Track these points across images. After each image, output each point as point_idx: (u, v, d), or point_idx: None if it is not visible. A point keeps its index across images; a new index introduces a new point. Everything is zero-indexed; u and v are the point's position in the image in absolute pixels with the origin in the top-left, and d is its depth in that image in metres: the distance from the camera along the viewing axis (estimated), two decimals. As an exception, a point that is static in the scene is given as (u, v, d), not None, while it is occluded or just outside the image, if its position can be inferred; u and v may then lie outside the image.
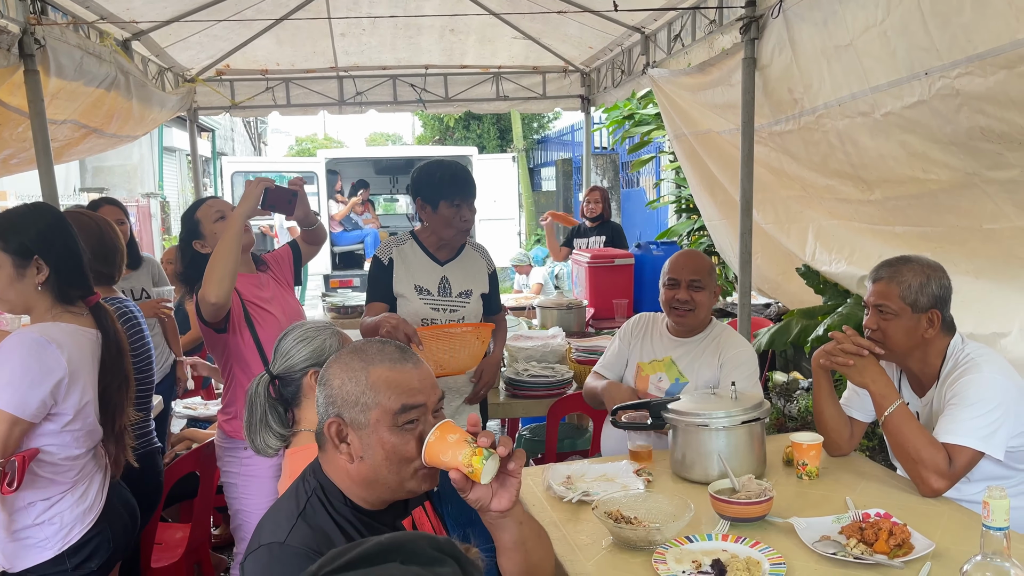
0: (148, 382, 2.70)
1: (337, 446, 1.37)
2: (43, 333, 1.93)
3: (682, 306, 2.63)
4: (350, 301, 5.44)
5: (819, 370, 2.28)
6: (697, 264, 2.65)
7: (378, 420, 1.35)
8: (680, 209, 7.05)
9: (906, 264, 2.17)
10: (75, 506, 2.01)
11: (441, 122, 19.55)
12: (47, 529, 1.96)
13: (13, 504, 1.93)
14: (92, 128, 4.80)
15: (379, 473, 1.37)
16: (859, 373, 2.15)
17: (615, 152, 12.50)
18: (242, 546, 2.63)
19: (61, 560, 1.98)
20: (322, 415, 1.40)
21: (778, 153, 4.24)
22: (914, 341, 2.14)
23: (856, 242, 4.14)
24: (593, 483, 2.21)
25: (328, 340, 2.03)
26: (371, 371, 1.37)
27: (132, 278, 3.99)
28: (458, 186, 2.70)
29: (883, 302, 2.14)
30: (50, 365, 1.92)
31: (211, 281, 2.36)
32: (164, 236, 16.69)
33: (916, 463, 2.04)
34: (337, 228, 11.06)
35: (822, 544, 1.75)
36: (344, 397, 1.37)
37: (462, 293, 2.80)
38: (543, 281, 7.33)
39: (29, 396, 1.87)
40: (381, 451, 1.36)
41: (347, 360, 1.40)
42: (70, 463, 2.00)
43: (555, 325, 4.39)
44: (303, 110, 6.80)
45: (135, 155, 15.89)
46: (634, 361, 2.74)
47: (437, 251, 2.81)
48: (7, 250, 1.95)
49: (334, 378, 1.39)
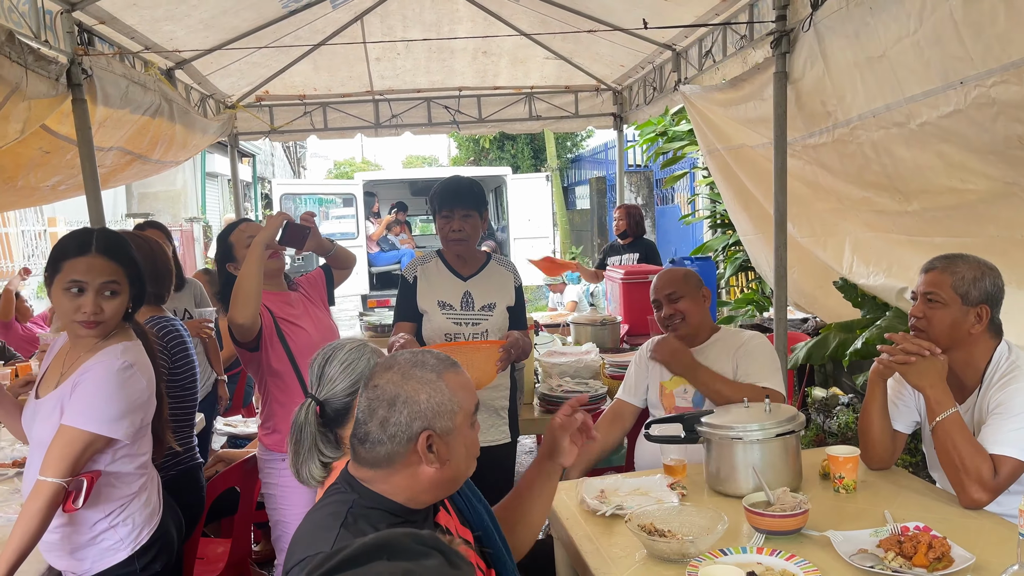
0: (192, 399, 2.78)
1: (425, 457, 1.40)
2: (124, 357, 1.98)
3: (671, 321, 2.70)
4: (386, 320, 5.51)
5: (876, 379, 2.25)
6: (668, 278, 2.74)
7: (461, 423, 1.44)
8: (715, 224, 7.02)
9: (962, 258, 2.14)
10: (143, 508, 2.08)
11: (476, 143, 19.73)
12: (121, 530, 2.02)
13: (90, 510, 1.98)
14: (137, 154, 4.94)
15: (459, 470, 1.46)
16: (918, 374, 2.09)
17: (649, 169, 12.49)
18: (282, 557, 2.67)
19: (131, 562, 2.03)
20: (404, 434, 1.40)
21: (813, 166, 4.21)
22: (959, 335, 2.10)
23: (894, 254, 4.08)
24: (627, 497, 2.21)
25: (372, 359, 2.07)
26: (445, 378, 1.44)
27: (175, 299, 4.09)
28: (446, 196, 2.76)
29: (933, 289, 2.10)
30: (137, 389, 1.98)
31: (236, 304, 2.45)
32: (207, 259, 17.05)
33: (960, 471, 2.00)
34: (374, 249, 11.20)
35: (859, 557, 1.73)
36: (434, 410, 1.41)
37: (485, 307, 2.83)
38: (577, 299, 7.34)
39: (122, 421, 1.93)
40: (463, 450, 1.45)
41: (419, 375, 1.43)
42: (140, 471, 2.08)
43: (589, 341, 4.39)
44: (340, 133, 6.93)
45: (179, 181, 16.30)
46: (655, 382, 2.78)
47: (459, 267, 2.86)
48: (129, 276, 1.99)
49: (418, 394, 1.41)
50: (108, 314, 1.96)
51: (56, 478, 1.84)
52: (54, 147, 4.27)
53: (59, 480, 1.84)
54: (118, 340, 2.01)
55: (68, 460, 1.86)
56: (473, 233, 2.80)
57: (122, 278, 1.98)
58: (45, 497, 1.83)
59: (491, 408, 2.81)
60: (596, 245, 14.97)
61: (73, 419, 1.88)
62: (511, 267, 2.98)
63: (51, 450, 1.87)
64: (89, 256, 1.93)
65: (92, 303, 1.93)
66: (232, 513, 3.01)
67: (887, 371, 2.20)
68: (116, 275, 1.97)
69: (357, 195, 10.89)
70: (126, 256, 2.00)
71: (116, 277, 1.97)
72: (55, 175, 4.77)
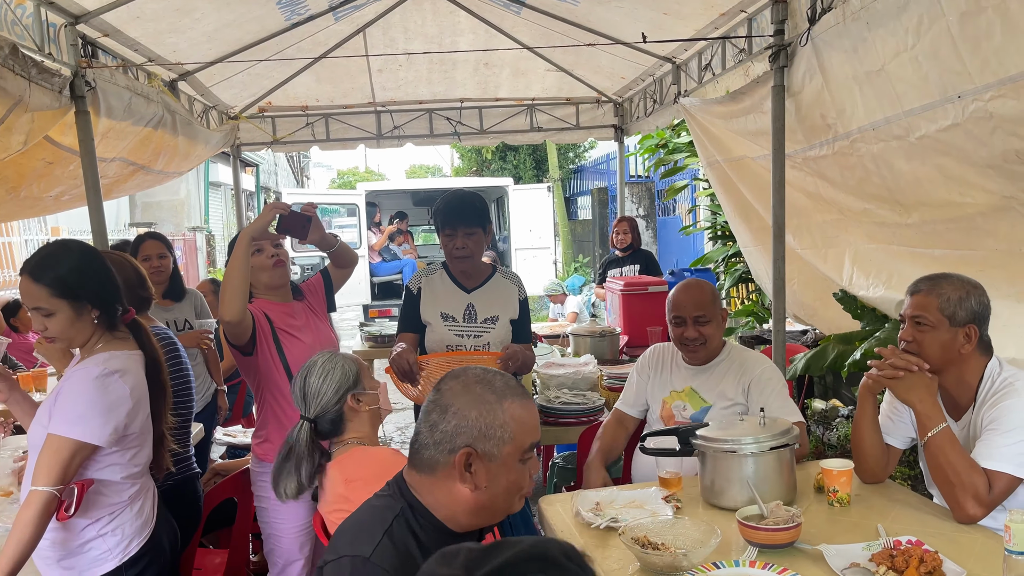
0: (187, 407, 2.78)
1: (461, 475, 1.38)
2: (105, 365, 1.99)
3: (692, 343, 2.63)
4: (386, 330, 5.52)
5: (866, 394, 2.26)
6: (699, 299, 2.63)
7: (509, 455, 1.39)
8: (715, 236, 7.03)
9: (946, 279, 2.15)
10: (135, 519, 2.08)
11: (479, 154, 19.78)
12: (110, 540, 2.03)
13: (78, 517, 1.99)
14: (140, 165, 4.97)
15: (496, 502, 1.41)
16: (907, 389, 2.11)
17: (650, 180, 12.52)
18: (275, 571, 2.67)
19: (119, 572, 2.04)
20: (448, 443, 1.39)
21: (813, 178, 4.22)
22: (950, 356, 2.11)
23: (894, 266, 4.09)
24: (622, 509, 2.21)
25: (346, 365, 2.16)
26: (506, 406, 1.40)
27: (175, 310, 4.11)
28: (449, 214, 2.77)
29: (920, 313, 2.11)
30: (118, 395, 1.99)
31: (223, 301, 2.46)
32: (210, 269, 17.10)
33: (954, 487, 2.00)
34: (376, 259, 11.22)
35: (851, 572, 1.73)
36: (481, 430, 1.38)
37: (488, 319, 2.84)
38: (578, 310, 7.34)
39: (103, 427, 1.94)
40: (505, 483, 1.40)
41: (479, 392, 1.41)
42: (132, 480, 2.08)
43: (588, 352, 4.39)
44: (342, 144, 6.96)
45: (182, 190, 16.37)
46: (655, 396, 2.75)
47: (464, 279, 2.87)
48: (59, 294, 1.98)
49: (469, 410, 1.39)
50: (55, 331, 2.00)
51: (47, 487, 1.86)
52: (57, 158, 4.29)
53: (50, 489, 1.86)
54: (106, 348, 2.03)
55: (57, 468, 1.87)
56: (477, 249, 2.81)
57: (47, 299, 1.97)
58: (37, 506, 1.84)
59: None
60: (598, 256, 15.00)
61: (57, 427, 1.91)
62: (516, 280, 2.99)
63: (40, 459, 1.89)
64: (23, 278, 1.99)
65: (37, 322, 2.00)
66: (230, 524, 3.01)
67: (876, 385, 2.21)
68: (40, 299, 1.97)
69: (360, 205, 10.92)
70: (51, 276, 1.97)
71: (40, 302, 1.97)
72: (58, 186, 4.79)
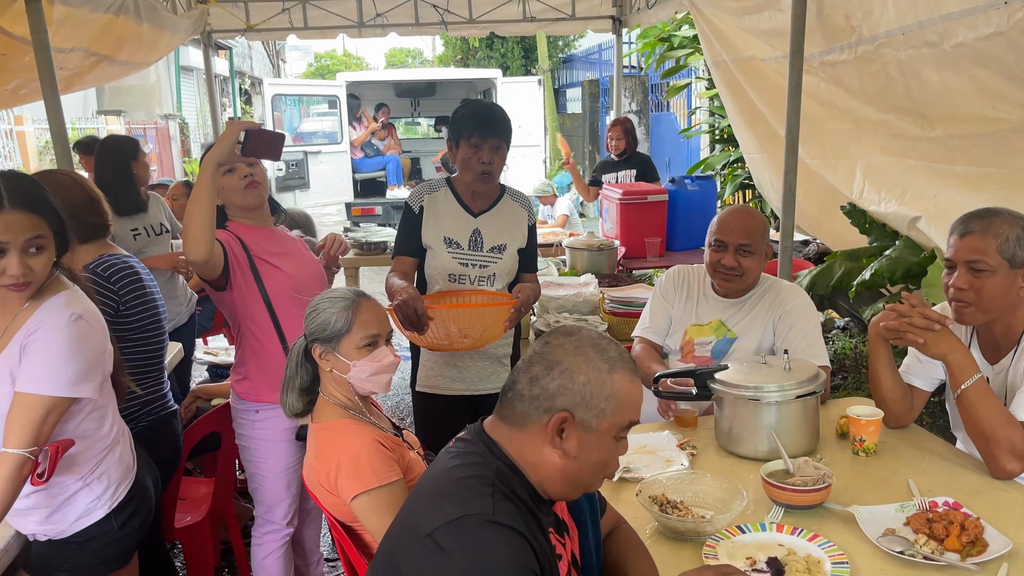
0: (157, 342, 2.55)
1: (552, 439, 1.29)
2: (70, 308, 1.78)
3: (728, 271, 2.41)
4: (373, 237, 5.28)
5: (876, 339, 2.10)
6: (749, 226, 2.40)
7: (607, 430, 1.31)
8: (715, 140, 6.74)
9: (997, 216, 1.94)
10: (118, 464, 1.95)
11: (464, 41, 18.97)
12: (96, 488, 1.89)
13: (63, 475, 1.84)
14: (102, 55, 4.62)
15: (582, 476, 1.33)
16: (935, 346, 1.95)
17: (645, 74, 12.02)
18: (260, 509, 2.54)
19: (108, 521, 1.91)
20: (546, 401, 1.29)
21: (829, 84, 3.96)
22: (1009, 301, 1.93)
23: (909, 181, 3.89)
24: (633, 456, 2.08)
25: (334, 316, 1.91)
26: (615, 378, 1.31)
27: (146, 217, 3.85)
28: (478, 123, 2.49)
29: (979, 257, 1.91)
30: (94, 340, 1.80)
31: (187, 240, 2.17)
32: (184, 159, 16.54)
33: (990, 441, 1.87)
34: (358, 155, 10.83)
35: (887, 540, 1.62)
36: (585, 397, 1.29)
37: (495, 248, 2.61)
38: (568, 212, 7.11)
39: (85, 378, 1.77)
40: (596, 458, 1.32)
41: (592, 357, 1.31)
42: (108, 427, 1.93)
43: (585, 266, 4.22)
44: (321, 33, 6.52)
45: (152, 75, 15.62)
46: (679, 324, 2.56)
47: (471, 201, 2.62)
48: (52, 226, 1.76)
49: (579, 373, 1.29)
50: (38, 272, 1.74)
51: (19, 449, 1.68)
52: (10, 49, 3.96)
53: (23, 451, 1.68)
54: (54, 292, 1.80)
55: (30, 428, 1.69)
56: (500, 167, 2.54)
57: (46, 229, 1.75)
58: (8, 470, 1.67)
59: (492, 356, 2.64)
60: (587, 152, 14.61)
61: (30, 385, 1.70)
62: (526, 203, 2.74)
63: (10, 420, 1.70)
64: (4, 213, 1.68)
65: (18, 264, 1.69)
66: (215, 448, 2.88)
67: (889, 335, 2.04)
68: (39, 228, 1.73)
69: (340, 96, 10.42)
70: (44, 204, 1.75)
71: (40, 230, 1.73)
72: (14, 79, 4.46)
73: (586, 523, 1.50)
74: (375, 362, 1.94)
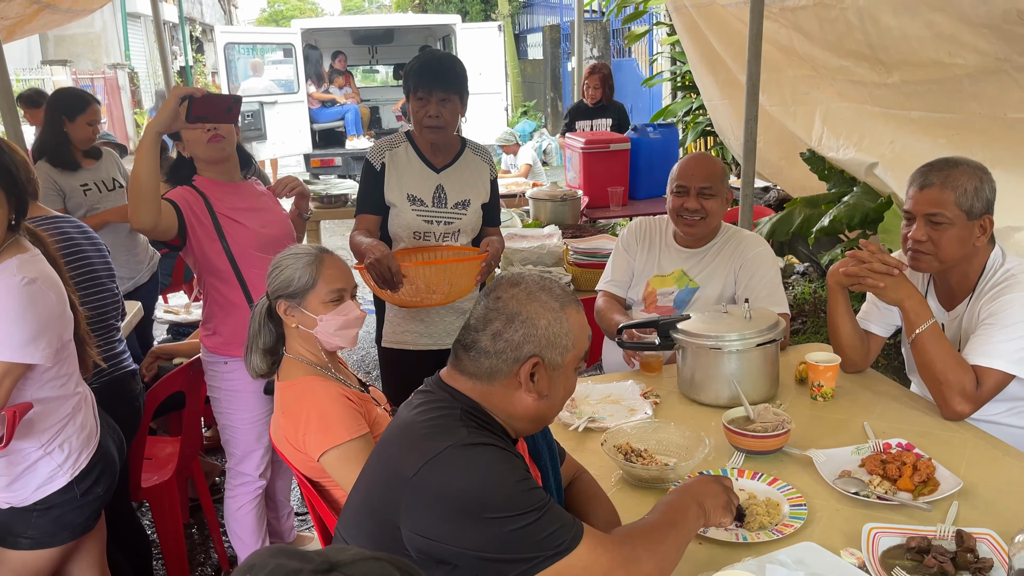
0: (109, 304, 2.49)
1: (526, 385, 1.34)
2: (22, 272, 1.73)
3: (691, 215, 2.43)
4: (334, 189, 5.20)
5: (835, 287, 2.14)
6: (708, 170, 2.43)
7: (570, 362, 1.38)
8: (676, 87, 6.70)
9: (956, 167, 1.96)
10: (79, 431, 1.92)
11: (422, -16, 18.50)
12: (57, 456, 1.87)
13: (22, 441, 1.82)
14: (44, 3, 4.43)
15: (552, 411, 1.41)
16: (892, 291, 2.00)
17: (607, 19, 11.86)
18: (232, 461, 2.55)
19: (70, 488, 1.90)
20: (514, 352, 1.33)
21: (789, 30, 3.96)
22: (965, 251, 1.98)
23: (867, 127, 3.92)
24: (598, 405, 2.12)
25: (298, 272, 1.91)
26: (568, 313, 1.37)
27: (97, 172, 3.74)
28: (424, 75, 2.44)
29: (938, 210, 1.94)
30: (47, 304, 1.76)
31: (131, 209, 2.14)
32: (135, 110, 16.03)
33: (941, 384, 1.94)
34: (316, 104, 10.59)
35: (843, 482, 1.67)
36: (549, 339, 1.34)
37: (459, 204, 2.59)
38: (531, 161, 7.06)
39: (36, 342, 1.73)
40: (563, 391, 1.40)
41: (544, 300, 1.36)
42: (69, 394, 1.90)
43: (549, 216, 4.21)
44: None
45: (97, 23, 15.05)
46: (641, 275, 2.58)
47: (432, 155, 2.58)
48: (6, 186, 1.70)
49: (539, 318, 1.34)
50: None
51: None
52: (-57, -2, 3.76)
53: None
54: (9, 255, 1.76)
55: None
56: (452, 120, 2.49)
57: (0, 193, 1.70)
58: None
59: (459, 311, 2.64)
60: (549, 100, 14.47)
61: None
62: (487, 157, 2.70)
63: None
64: None
65: None
66: (181, 408, 2.86)
67: (849, 281, 2.09)
68: None
69: (296, 45, 10.13)
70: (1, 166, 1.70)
71: None
72: (-51, 29, 4.25)
73: (547, 467, 1.54)
74: (342, 316, 1.94)
